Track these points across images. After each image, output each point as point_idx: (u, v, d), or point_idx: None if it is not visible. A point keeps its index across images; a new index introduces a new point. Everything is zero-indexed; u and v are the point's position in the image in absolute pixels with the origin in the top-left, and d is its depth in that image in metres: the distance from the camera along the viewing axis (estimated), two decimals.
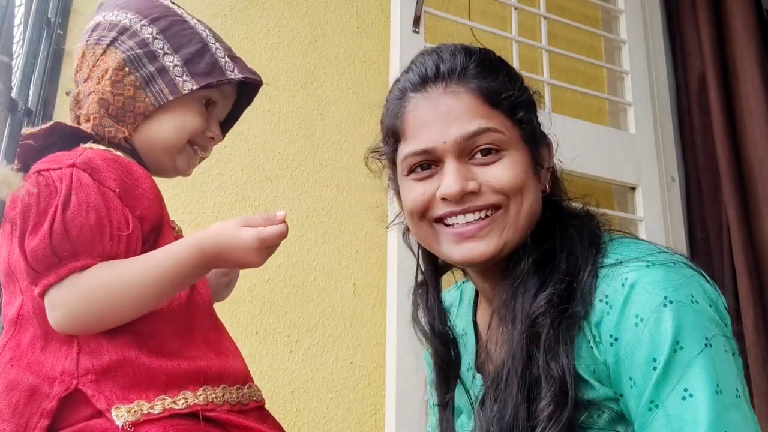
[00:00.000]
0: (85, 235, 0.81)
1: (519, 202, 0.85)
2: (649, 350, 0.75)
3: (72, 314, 0.80)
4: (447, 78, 0.86)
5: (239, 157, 1.74)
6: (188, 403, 0.81)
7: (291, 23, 1.90)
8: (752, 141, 2.08)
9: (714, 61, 2.20)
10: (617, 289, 0.78)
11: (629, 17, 2.25)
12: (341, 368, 1.69)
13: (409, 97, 0.88)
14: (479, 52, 0.90)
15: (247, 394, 0.88)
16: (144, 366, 0.81)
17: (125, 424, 0.77)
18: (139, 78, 0.92)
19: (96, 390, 0.79)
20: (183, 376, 0.82)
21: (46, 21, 1.43)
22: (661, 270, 0.78)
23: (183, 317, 0.88)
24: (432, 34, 1.96)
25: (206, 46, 0.96)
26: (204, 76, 0.94)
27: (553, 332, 0.80)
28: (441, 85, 0.86)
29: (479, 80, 0.86)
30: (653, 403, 0.74)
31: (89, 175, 0.83)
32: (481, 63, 0.88)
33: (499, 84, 0.86)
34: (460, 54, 0.88)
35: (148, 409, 0.79)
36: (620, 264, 0.80)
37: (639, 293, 0.77)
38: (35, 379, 0.80)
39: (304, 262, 1.73)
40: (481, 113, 0.84)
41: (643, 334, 0.75)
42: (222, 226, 0.85)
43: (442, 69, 0.87)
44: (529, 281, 0.84)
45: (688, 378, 0.73)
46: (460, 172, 0.84)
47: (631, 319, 0.76)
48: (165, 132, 0.94)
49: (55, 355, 0.81)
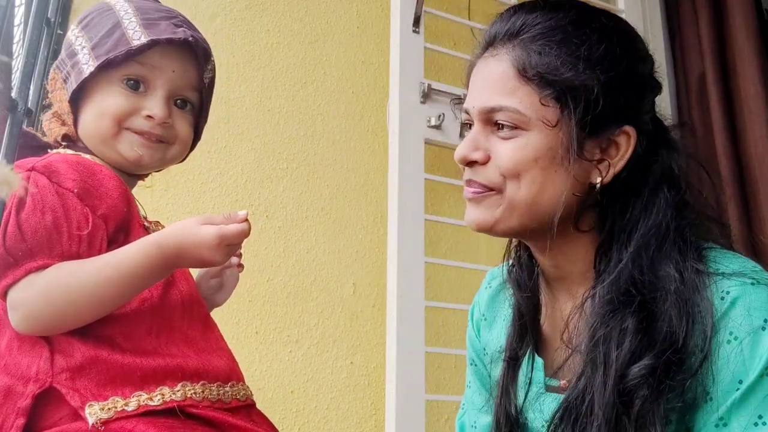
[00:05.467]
0: (41, 235, 0.80)
1: (515, 188, 0.80)
2: (737, 371, 0.72)
3: (30, 314, 0.79)
4: (500, 40, 0.84)
5: (239, 157, 1.74)
6: (165, 399, 0.80)
7: (291, 23, 1.90)
8: (752, 141, 2.08)
9: (714, 61, 2.20)
10: (716, 302, 0.74)
11: (629, 17, 2.25)
12: (341, 368, 1.69)
13: (476, 55, 0.87)
14: (558, 14, 0.82)
15: (229, 393, 0.86)
16: (118, 362, 0.80)
17: (96, 423, 0.76)
18: (61, 77, 0.94)
19: (70, 387, 0.78)
20: (159, 372, 0.82)
21: (46, 21, 1.43)
22: (765, 291, 0.74)
23: (158, 315, 0.87)
24: (432, 34, 1.96)
25: (117, 24, 0.91)
26: (107, 54, 0.89)
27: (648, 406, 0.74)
28: (492, 49, 0.84)
29: (527, 48, 0.81)
30: (722, 421, 0.72)
31: (47, 177, 0.84)
32: (546, 27, 0.81)
33: (550, 57, 0.79)
34: (528, 14, 0.83)
35: (123, 406, 0.78)
36: (724, 276, 0.76)
37: (739, 310, 0.73)
38: (10, 380, 0.80)
39: (304, 262, 1.73)
40: (509, 88, 0.80)
41: (734, 353, 0.72)
42: (181, 224, 0.83)
43: (497, 30, 0.85)
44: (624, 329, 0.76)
45: (766, 406, 0.71)
46: (474, 139, 0.82)
47: (725, 335, 0.73)
48: (90, 122, 0.92)
49: (29, 355, 0.81)
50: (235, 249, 0.86)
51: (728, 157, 2.11)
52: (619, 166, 0.81)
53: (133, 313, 0.85)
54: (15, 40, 1.30)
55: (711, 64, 2.19)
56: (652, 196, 0.81)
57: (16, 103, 1.06)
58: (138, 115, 0.91)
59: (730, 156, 2.11)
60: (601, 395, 0.76)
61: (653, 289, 0.77)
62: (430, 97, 1.80)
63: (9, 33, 1.00)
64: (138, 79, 0.91)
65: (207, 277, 1.03)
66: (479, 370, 1.04)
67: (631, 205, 0.81)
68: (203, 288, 1.02)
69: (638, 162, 0.82)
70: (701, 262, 0.78)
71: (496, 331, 1.00)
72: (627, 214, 0.81)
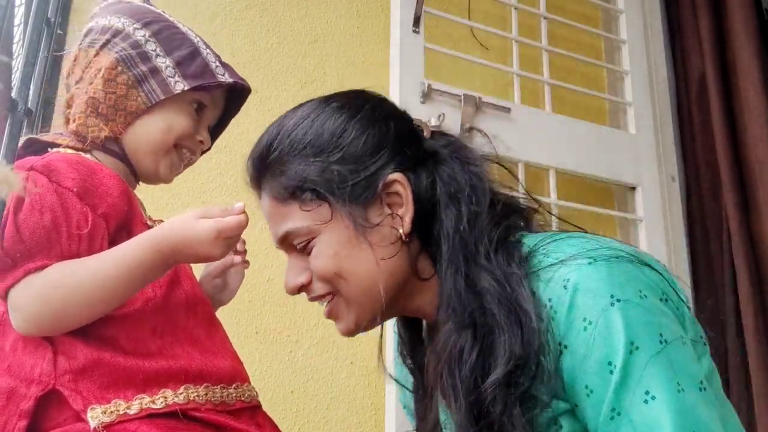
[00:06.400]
0: (39, 235, 0.80)
1: (345, 285, 0.82)
2: (603, 354, 0.70)
3: (29, 314, 0.79)
4: (255, 180, 0.88)
5: (239, 157, 1.74)
6: (167, 402, 0.80)
7: (291, 23, 1.90)
8: (752, 141, 2.08)
9: (714, 61, 2.20)
10: (560, 292, 0.73)
11: (629, 17, 2.25)
12: (341, 368, 1.69)
13: None
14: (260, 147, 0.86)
15: (233, 394, 0.87)
16: (120, 365, 0.80)
17: (98, 426, 0.76)
18: (132, 77, 0.93)
19: (73, 390, 0.78)
20: (162, 375, 0.82)
21: (46, 21, 1.43)
22: (604, 266, 0.72)
23: (162, 315, 0.87)
24: (432, 34, 1.96)
25: (197, 50, 0.97)
26: (195, 77, 0.94)
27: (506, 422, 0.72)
28: (257, 189, 0.88)
29: (272, 174, 0.84)
30: (614, 411, 0.69)
31: (46, 176, 0.83)
32: (263, 163, 0.85)
33: (288, 169, 0.82)
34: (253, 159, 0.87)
35: (125, 409, 0.78)
36: (561, 263, 0.74)
37: (583, 295, 0.71)
38: (14, 382, 0.80)
39: None
40: (280, 215, 0.83)
41: (594, 338, 0.70)
42: (178, 219, 0.83)
43: (250, 173, 0.88)
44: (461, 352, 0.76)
45: (648, 380, 0.68)
46: (293, 267, 0.85)
47: (579, 323, 0.71)
48: (153, 132, 0.94)
49: (33, 356, 0.81)
50: (233, 242, 0.86)
51: (728, 157, 2.11)
52: (410, 210, 0.82)
53: (137, 314, 0.85)
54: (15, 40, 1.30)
55: (711, 64, 2.20)
56: (444, 220, 0.81)
57: (16, 103, 1.06)
58: (193, 138, 0.98)
59: (730, 156, 2.12)
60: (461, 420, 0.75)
61: (478, 305, 0.76)
62: (430, 97, 1.80)
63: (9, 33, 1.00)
64: (203, 106, 0.98)
65: (210, 276, 1.03)
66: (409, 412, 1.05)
67: (437, 236, 0.82)
68: (207, 287, 1.02)
69: (428, 197, 0.83)
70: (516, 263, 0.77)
71: None
72: (438, 245, 0.81)
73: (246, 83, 1.01)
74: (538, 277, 0.75)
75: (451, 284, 0.79)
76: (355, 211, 0.80)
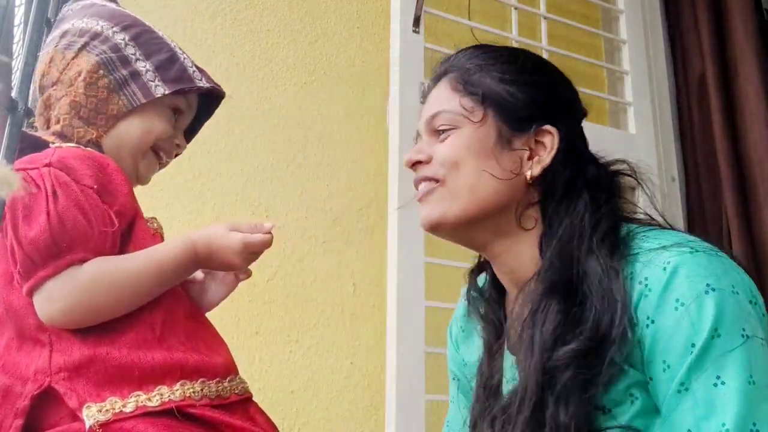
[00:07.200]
0: (78, 228, 0.82)
1: (455, 176, 0.88)
2: (688, 335, 0.74)
3: (72, 306, 0.80)
4: (440, 74, 0.96)
5: (239, 157, 1.74)
6: (163, 399, 0.80)
7: (291, 23, 1.90)
8: (752, 141, 2.08)
9: (714, 61, 2.20)
10: (658, 273, 0.78)
11: (629, 17, 2.25)
12: (341, 368, 1.69)
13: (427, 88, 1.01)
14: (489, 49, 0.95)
15: (227, 388, 0.87)
16: (117, 361, 0.81)
17: (94, 425, 0.76)
18: (113, 81, 0.94)
19: (68, 388, 0.79)
20: (158, 370, 0.82)
21: (46, 21, 1.43)
22: (705, 257, 0.78)
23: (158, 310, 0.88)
24: (432, 34, 1.96)
25: (175, 55, 0.99)
26: (175, 82, 0.97)
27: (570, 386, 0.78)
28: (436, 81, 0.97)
29: (455, 75, 0.93)
30: (683, 386, 0.74)
31: (66, 173, 0.85)
32: (474, 54, 0.94)
33: (479, 74, 0.91)
34: (462, 52, 0.96)
35: (121, 408, 0.78)
36: (663, 248, 0.80)
37: (681, 278, 0.77)
38: (9, 380, 0.80)
39: (304, 262, 1.73)
40: (444, 99, 0.92)
41: (683, 319, 0.75)
42: (212, 228, 0.91)
43: (440, 68, 0.97)
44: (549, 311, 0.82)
45: (723, 366, 0.73)
46: (418, 147, 0.94)
47: (672, 303, 0.76)
48: (133, 134, 0.96)
49: (29, 354, 0.81)
50: (255, 257, 0.92)
51: (728, 157, 2.11)
52: (546, 161, 0.89)
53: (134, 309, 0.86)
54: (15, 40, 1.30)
55: (711, 65, 2.19)
56: (576, 197, 0.88)
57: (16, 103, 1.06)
58: (170, 141, 1.00)
59: (730, 157, 2.12)
60: (530, 374, 0.81)
61: (579, 281, 0.83)
62: None
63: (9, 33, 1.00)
64: (180, 111, 1.01)
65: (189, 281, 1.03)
66: (462, 384, 1.07)
67: (562, 205, 0.88)
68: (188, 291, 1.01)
69: (565, 165, 0.90)
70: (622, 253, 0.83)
71: (473, 341, 1.03)
72: (558, 213, 0.88)
73: (221, 88, 1.05)
74: (637, 259, 0.81)
75: (556, 253, 0.85)
76: (504, 130, 0.89)
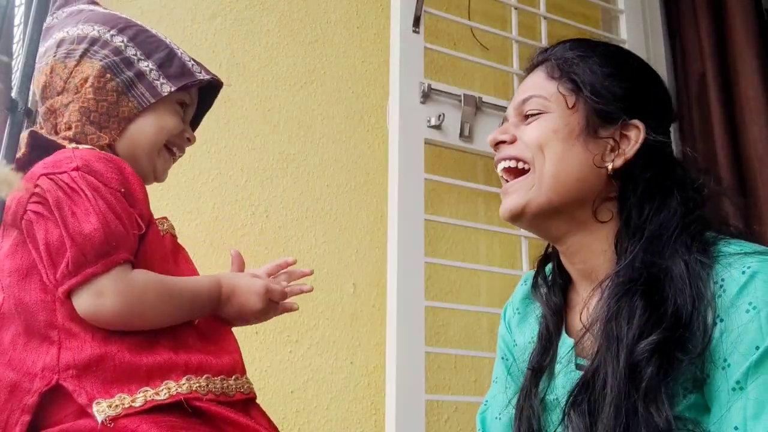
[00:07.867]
0: (120, 230, 0.84)
1: (541, 160, 0.90)
2: (754, 338, 0.76)
3: (123, 306, 0.82)
4: (537, 63, 1.00)
5: (239, 157, 1.74)
6: (171, 392, 0.81)
7: (291, 23, 1.90)
8: (752, 141, 2.08)
9: (714, 61, 2.19)
10: (737, 275, 0.80)
11: (629, 17, 2.25)
12: (341, 368, 1.69)
13: None
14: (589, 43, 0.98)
15: (233, 386, 0.87)
16: (126, 359, 0.81)
17: (105, 420, 0.77)
18: (120, 83, 0.95)
19: (77, 385, 0.79)
20: (164, 367, 0.83)
21: None
22: None
23: None
24: (432, 34, 1.96)
25: (173, 51, 1.01)
26: (178, 78, 0.98)
27: (655, 381, 0.79)
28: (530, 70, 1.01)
29: (557, 61, 0.96)
30: (738, 385, 0.76)
31: (94, 177, 0.86)
32: (574, 45, 0.97)
33: (575, 64, 0.93)
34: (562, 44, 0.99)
35: (130, 403, 0.79)
36: (744, 254, 0.82)
37: (758, 283, 0.78)
38: (16, 376, 0.80)
39: (304, 262, 1.73)
40: (538, 85, 0.95)
41: (752, 321, 0.76)
42: (237, 273, 1.01)
43: (537, 58, 1.01)
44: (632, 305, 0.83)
45: None
46: (504, 127, 0.96)
47: (744, 305, 0.78)
48: (147, 134, 0.97)
49: (36, 351, 0.81)
50: (274, 306, 1.01)
51: (728, 157, 2.11)
52: (629, 154, 0.90)
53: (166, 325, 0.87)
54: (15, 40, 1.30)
55: (711, 65, 2.19)
56: (666, 196, 0.89)
57: (16, 103, 1.06)
58: (182, 136, 1.02)
59: (730, 156, 2.11)
60: (613, 370, 0.82)
61: (663, 275, 0.84)
62: (430, 97, 1.80)
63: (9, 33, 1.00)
64: (185, 104, 1.03)
65: None
66: (510, 363, 1.08)
67: (646, 201, 0.89)
68: None
69: (648, 163, 0.91)
70: (706, 255, 0.84)
71: (528, 325, 1.05)
72: (641, 209, 0.89)
73: (220, 78, 1.06)
74: (718, 261, 0.83)
75: (643, 249, 0.86)
76: (593, 119, 0.91)
